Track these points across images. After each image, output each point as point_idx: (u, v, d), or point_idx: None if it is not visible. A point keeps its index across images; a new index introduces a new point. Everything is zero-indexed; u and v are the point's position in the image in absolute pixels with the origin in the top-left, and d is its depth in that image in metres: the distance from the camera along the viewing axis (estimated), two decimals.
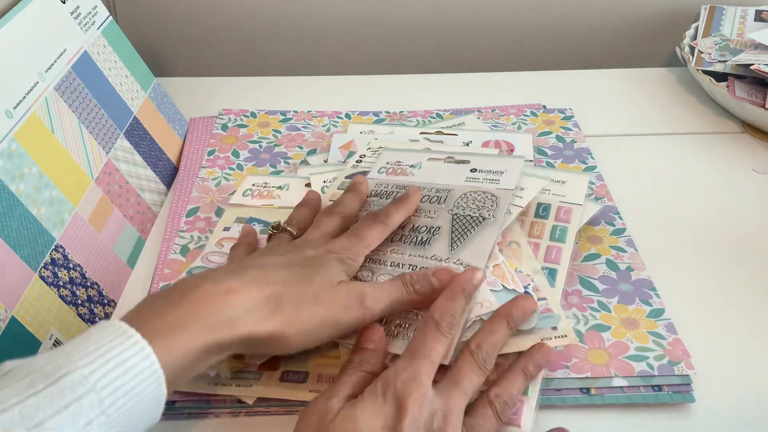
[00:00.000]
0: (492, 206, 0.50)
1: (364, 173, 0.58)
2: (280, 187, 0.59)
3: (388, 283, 0.43)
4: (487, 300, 0.45)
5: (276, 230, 0.49)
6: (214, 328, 0.36)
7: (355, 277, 0.46)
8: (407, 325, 0.44)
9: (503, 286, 0.46)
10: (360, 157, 0.60)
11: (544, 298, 0.46)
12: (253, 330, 0.37)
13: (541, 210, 0.53)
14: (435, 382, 0.39)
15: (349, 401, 0.38)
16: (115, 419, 0.32)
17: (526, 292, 0.46)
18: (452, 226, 0.49)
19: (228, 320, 0.36)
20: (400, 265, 0.47)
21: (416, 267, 0.46)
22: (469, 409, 0.40)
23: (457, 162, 0.56)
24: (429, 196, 0.52)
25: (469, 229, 0.49)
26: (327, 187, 0.58)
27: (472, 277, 0.43)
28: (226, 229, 0.55)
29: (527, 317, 0.43)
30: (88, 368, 0.32)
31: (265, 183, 0.60)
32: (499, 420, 0.40)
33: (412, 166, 0.56)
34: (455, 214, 0.50)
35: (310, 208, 0.52)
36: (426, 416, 0.36)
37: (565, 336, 0.44)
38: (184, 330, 0.35)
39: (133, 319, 0.35)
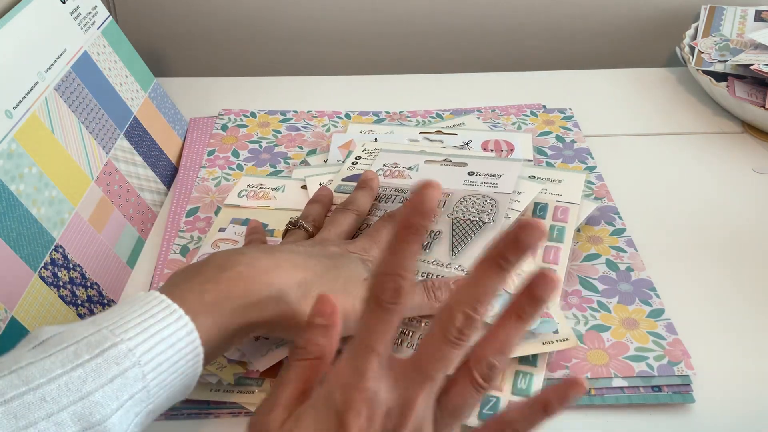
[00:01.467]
0: (491, 210, 0.50)
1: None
2: (275, 189, 0.59)
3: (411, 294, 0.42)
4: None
5: (293, 226, 0.49)
6: (249, 309, 0.36)
7: None
8: (410, 333, 0.44)
9: (504, 290, 0.46)
10: (356, 158, 0.60)
11: None
12: (282, 313, 0.37)
13: (539, 210, 0.53)
14: (396, 367, 0.32)
15: (292, 409, 0.32)
16: (154, 393, 0.32)
17: None
18: (452, 230, 0.49)
19: (262, 301, 0.36)
20: None
21: (417, 272, 0.47)
22: (447, 387, 0.33)
23: (454, 164, 0.56)
24: None
25: (469, 234, 0.49)
26: None
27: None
28: (222, 230, 0.55)
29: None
30: (134, 341, 0.32)
31: (261, 184, 0.60)
32: (481, 389, 0.32)
33: (409, 168, 0.56)
34: (455, 218, 0.50)
35: (323, 204, 0.52)
36: (378, 422, 0.30)
37: (567, 339, 0.44)
38: (222, 309, 0.35)
39: (172, 293, 0.35)
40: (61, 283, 0.48)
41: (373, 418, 0.30)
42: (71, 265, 0.49)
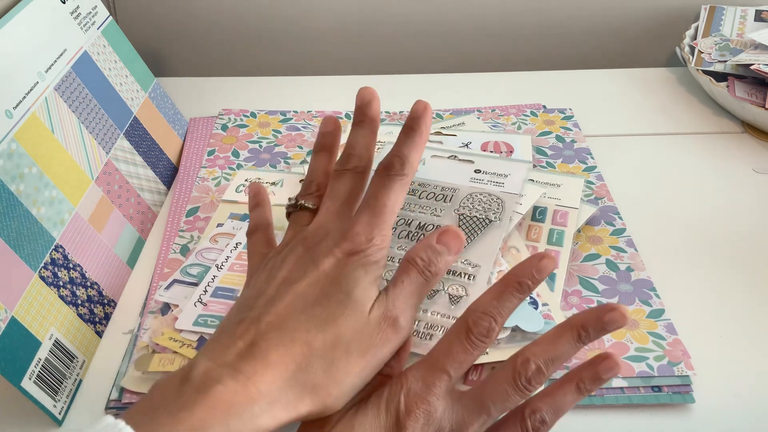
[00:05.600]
0: (498, 209, 0.51)
1: None
2: (273, 183, 0.59)
3: (407, 283, 0.36)
4: None
5: (294, 208, 0.42)
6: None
7: None
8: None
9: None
10: None
11: (546, 304, 0.46)
12: (283, 419, 0.32)
13: (538, 213, 0.54)
14: (458, 394, 0.35)
15: (353, 406, 0.35)
16: None
17: (532, 299, 0.46)
18: (459, 226, 0.49)
19: (252, 418, 0.31)
20: None
21: None
22: (497, 424, 0.35)
23: (461, 161, 0.56)
24: (435, 194, 0.53)
25: (476, 231, 0.49)
26: None
27: (540, 265, 0.35)
28: (220, 225, 0.55)
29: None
30: None
31: (258, 178, 0.60)
32: None
33: None
34: (462, 214, 0.50)
35: (329, 154, 0.43)
36: None
37: None
38: None
39: (142, 424, 0.29)
40: (61, 283, 0.48)
41: (427, 428, 0.33)
42: (71, 265, 0.49)
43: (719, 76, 0.71)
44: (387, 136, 0.63)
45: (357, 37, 0.90)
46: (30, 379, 0.42)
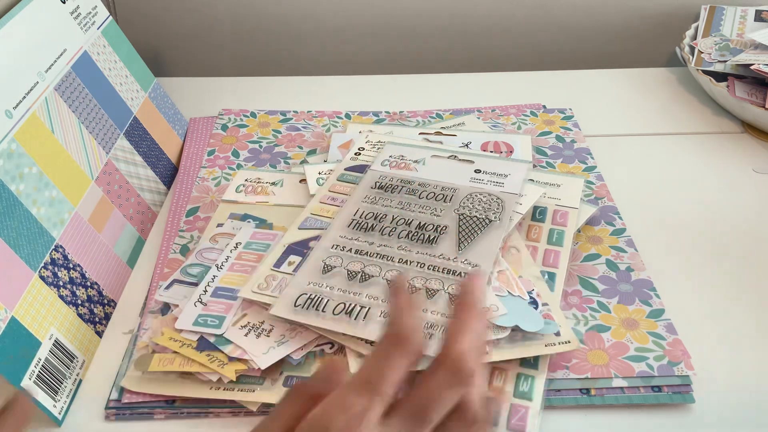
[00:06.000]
0: (498, 209, 0.51)
1: (365, 166, 0.58)
2: (273, 183, 0.59)
3: None
4: (494, 305, 0.45)
5: None
6: None
7: (364, 275, 0.46)
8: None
9: (509, 292, 0.46)
10: (359, 149, 0.60)
11: (546, 304, 0.46)
12: None
13: (538, 213, 0.54)
14: (395, 408, 0.30)
15: None
16: None
17: (531, 299, 0.46)
18: (459, 226, 0.50)
19: None
20: (408, 262, 0.47)
21: (424, 265, 0.47)
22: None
23: (461, 161, 0.56)
24: (435, 194, 0.53)
25: (475, 231, 0.49)
26: (323, 179, 0.58)
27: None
28: (220, 225, 0.55)
29: (482, 293, 0.33)
30: None
31: (258, 178, 0.60)
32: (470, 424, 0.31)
33: (416, 161, 0.57)
34: (462, 214, 0.51)
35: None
36: None
37: (569, 342, 0.44)
38: None
39: None
40: (61, 283, 0.48)
41: None
42: (71, 265, 0.49)
43: (719, 76, 0.71)
44: (387, 136, 0.63)
45: (357, 38, 0.90)
46: (30, 379, 0.42)
